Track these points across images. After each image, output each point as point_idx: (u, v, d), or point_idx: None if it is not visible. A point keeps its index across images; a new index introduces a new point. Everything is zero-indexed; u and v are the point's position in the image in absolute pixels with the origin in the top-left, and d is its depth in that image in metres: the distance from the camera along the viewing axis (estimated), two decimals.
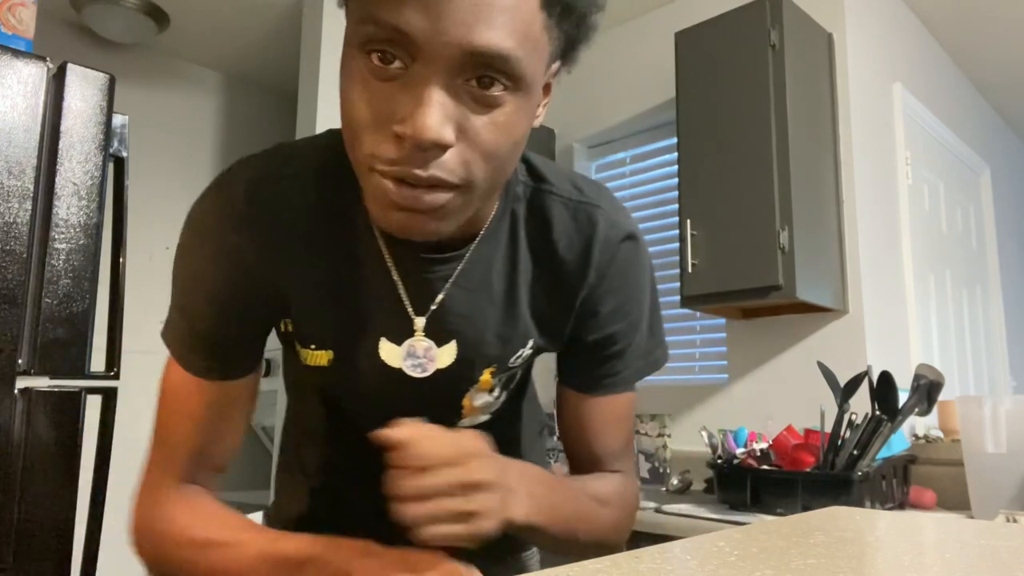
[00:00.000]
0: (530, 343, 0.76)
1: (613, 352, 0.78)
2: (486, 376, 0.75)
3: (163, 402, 0.73)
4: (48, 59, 1.65)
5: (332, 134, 0.69)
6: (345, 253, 0.69)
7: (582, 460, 0.83)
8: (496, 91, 0.54)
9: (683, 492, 2.31)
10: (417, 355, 0.71)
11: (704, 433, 2.07)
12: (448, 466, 0.57)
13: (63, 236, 1.63)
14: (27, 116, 1.60)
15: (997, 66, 3.36)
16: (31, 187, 1.59)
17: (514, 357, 0.76)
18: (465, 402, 0.76)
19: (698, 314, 2.65)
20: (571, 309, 0.75)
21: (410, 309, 0.70)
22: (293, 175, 0.69)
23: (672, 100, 2.52)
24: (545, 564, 0.69)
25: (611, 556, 0.61)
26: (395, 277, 0.69)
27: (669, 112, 2.68)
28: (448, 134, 0.53)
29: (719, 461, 1.99)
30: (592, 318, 0.76)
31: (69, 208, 1.64)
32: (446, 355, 0.72)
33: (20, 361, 1.55)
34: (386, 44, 0.53)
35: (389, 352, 0.71)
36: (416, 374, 0.71)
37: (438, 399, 0.75)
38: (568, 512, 0.72)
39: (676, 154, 2.37)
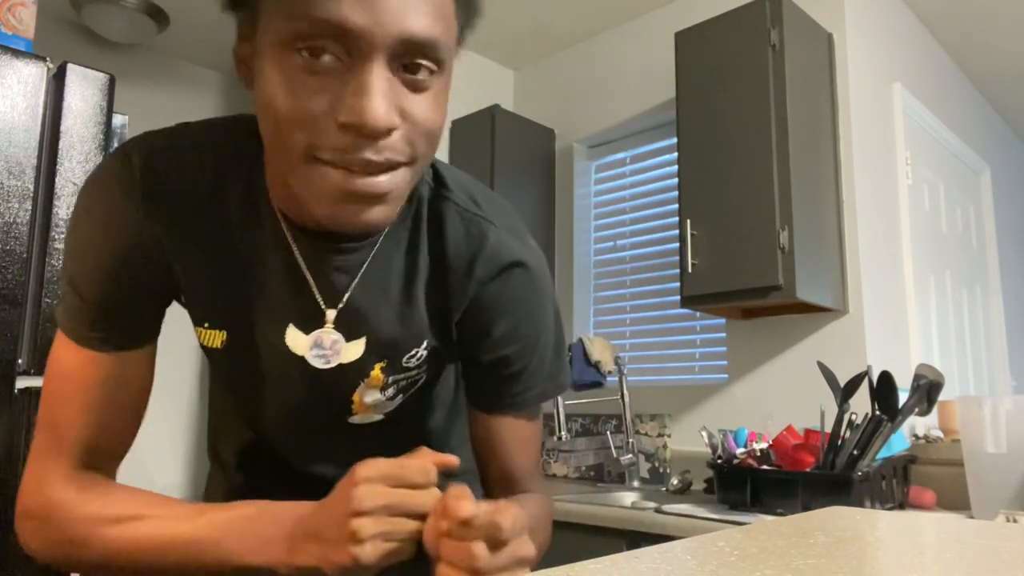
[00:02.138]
0: (424, 343, 0.76)
1: (511, 373, 0.78)
2: (376, 371, 0.75)
3: (49, 381, 0.70)
4: (48, 59, 1.66)
5: (237, 119, 0.70)
6: (245, 237, 0.69)
7: (497, 480, 0.83)
8: (423, 76, 0.58)
9: (683, 492, 2.31)
10: (324, 346, 0.71)
11: (704, 433, 2.07)
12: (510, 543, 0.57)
13: (63, 236, 1.63)
14: (27, 116, 1.60)
15: (997, 66, 3.36)
16: (31, 187, 1.59)
17: (407, 356, 0.76)
18: (355, 397, 0.76)
19: (698, 314, 2.65)
20: (452, 318, 0.76)
21: (321, 301, 0.70)
22: (193, 152, 0.68)
23: (672, 100, 2.52)
24: (543, 564, 0.69)
25: (611, 556, 0.61)
26: (304, 267, 0.69)
27: (669, 112, 2.68)
28: (395, 118, 0.56)
29: (719, 461, 1.99)
30: (485, 339, 0.76)
31: (69, 208, 1.64)
32: (353, 350, 0.72)
33: (20, 361, 1.55)
34: (320, 39, 0.54)
35: (295, 340, 0.71)
36: (319, 364, 0.71)
37: (330, 391, 0.75)
38: (537, 542, 0.72)
39: (676, 154, 2.37)
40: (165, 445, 3.20)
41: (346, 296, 0.70)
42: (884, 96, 2.61)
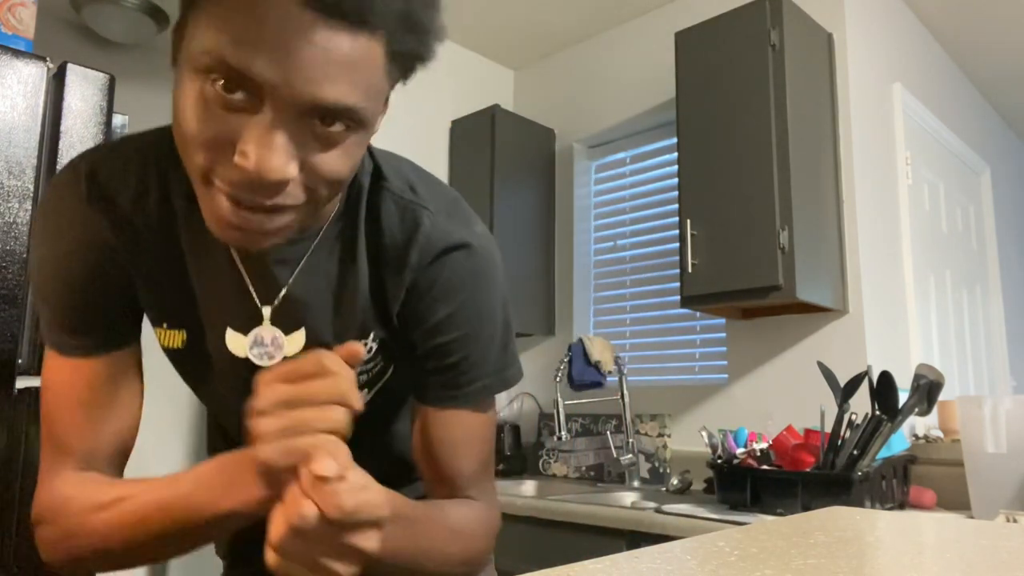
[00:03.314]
0: (372, 335, 0.75)
1: (450, 363, 0.74)
2: None
3: (44, 394, 0.72)
4: (48, 59, 1.65)
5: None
6: (189, 237, 0.70)
7: (433, 480, 0.78)
8: (337, 129, 0.56)
9: (683, 492, 2.31)
10: (264, 344, 0.71)
11: (704, 433, 2.07)
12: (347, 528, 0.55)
13: None
14: (27, 116, 1.60)
15: (997, 66, 3.36)
16: (31, 187, 1.59)
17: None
18: None
19: (698, 314, 2.65)
20: (392, 308, 0.74)
21: (256, 299, 0.70)
22: (138, 155, 0.70)
23: (672, 100, 2.52)
24: (546, 565, 0.69)
25: (611, 556, 0.61)
26: (240, 267, 0.69)
27: (669, 112, 2.68)
28: (292, 171, 0.55)
29: (719, 461, 1.99)
30: (422, 325, 0.74)
31: None
32: (294, 343, 0.72)
33: (20, 361, 1.55)
34: (230, 82, 0.53)
35: (235, 342, 0.71)
36: (263, 363, 0.70)
37: None
38: (417, 548, 0.69)
39: (676, 154, 2.37)
40: (165, 445, 3.20)
41: (282, 292, 0.70)
42: (884, 96, 2.61)
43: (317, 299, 0.72)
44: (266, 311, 0.70)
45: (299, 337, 0.72)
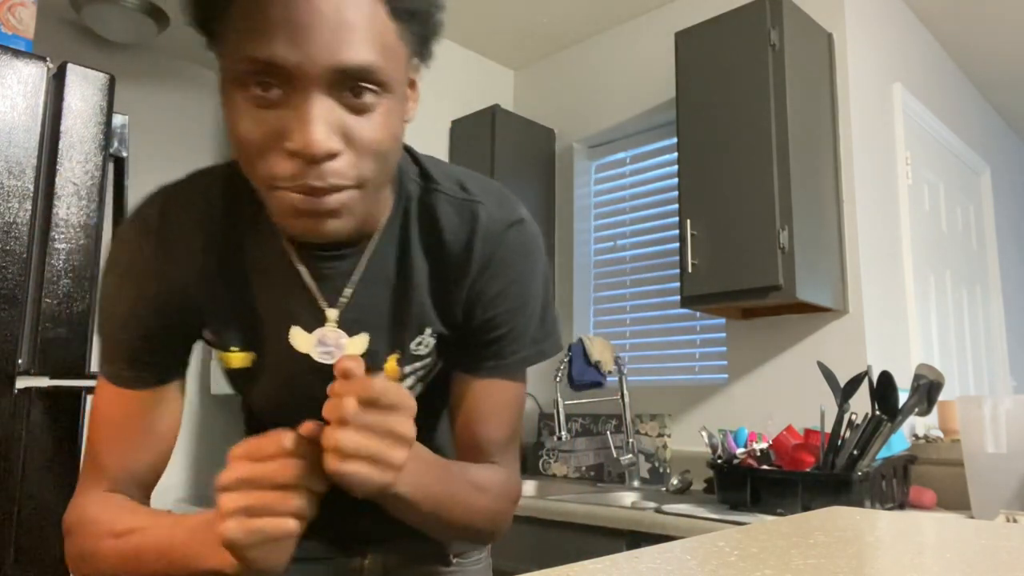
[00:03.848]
0: (428, 331, 0.80)
1: (497, 336, 0.80)
2: (391, 363, 0.80)
3: (93, 417, 0.77)
4: (48, 59, 1.66)
5: None
6: (253, 258, 0.75)
7: (465, 447, 0.83)
8: (368, 98, 0.61)
9: (683, 492, 2.31)
10: (327, 343, 0.75)
11: (704, 433, 2.07)
12: (387, 410, 0.58)
13: (63, 236, 1.63)
14: (27, 116, 1.60)
15: (997, 66, 3.36)
16: (31, 187, 1.59)
17: (415, 343, 0.80)
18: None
19: (698, 314, 2.65)
20: (460, 299, 0.79)
21: (322, 303, 0.75)
22: (200, 193, 0.75)
23: (672, 100, 2.52)
24: (546, 564, 0.69)
25: (611, 556, 0.61)
26: (304, 275, 0.74)
27: (669, 112, 2.68)
28: (335, 143, 0.60)
29: (719, 461, 1.99)
30: (478, 301, 0.79)
31: (69, 208, 1.64)
32: (357, 345, 0.77)
33: (20, 361, 1.55)
34: (263, 76, 0.59)
35: (301, 339, 0.75)
36: (325, 360, 0.75)
37: None
38: (441, 492, 0.73)
39: (676, 154, 2.37)
40: None
41: (345, 296, 0.75)
42: (884, 96, 2.61)
43: (376, 301, 0.77)
44: (331, 313, 0.75)
45: (362, 341, 0.77)
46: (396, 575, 0.92)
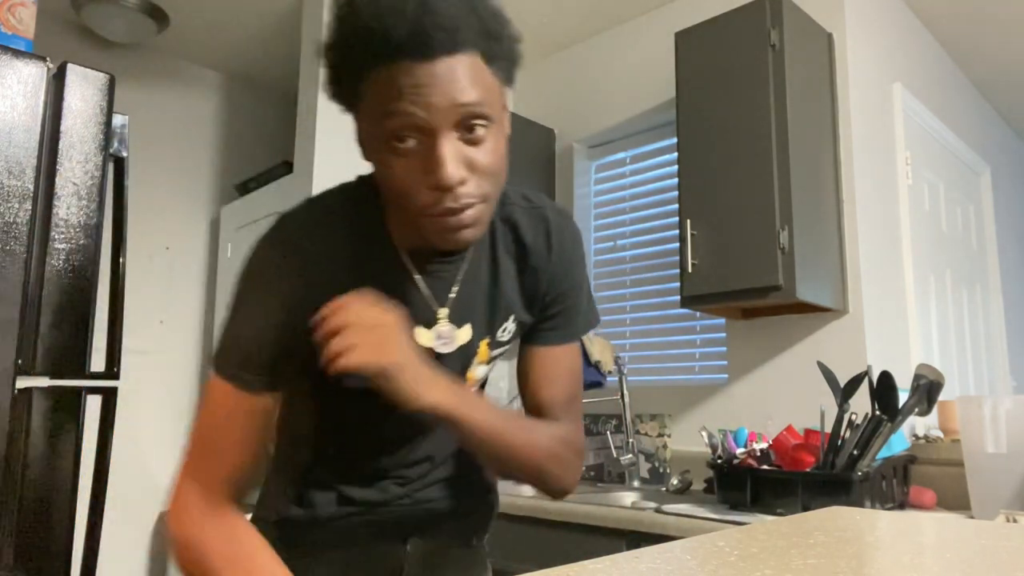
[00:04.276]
0: (511, 317, 0.97)
1: (561, 309, 1.00)
2: (483, 348, 0.97)
3: (207, 418, 0.89)
4: (48, 59, 1.65)
5: (359, 184, 0.93)
6: (374, 268, 0.90)
7: (533, 410, 0.99)
8: (479, 132, 0.78)
9: (683, 492, 2.31)
10: (443, 336, 0.92)
11: (704, 433, 2.07)
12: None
13: (63, 236, 1.63)
14: (27, 116, 1.60)
15: (997, 66, 3.36)
16: (31, 187, 1.59)
17: (501, 330, 0.97)
18: (469, 375, 0.98)
19: (698, 314, 2.65)
20: (540, 287, 0.98)
21: (434, 304, 0.92)
22: (329, 216, 0.90)
23: (672, 100, 2.52)
24: (544, 564, 0.69)
25: (611, 556, 0.61)
26: (418, 280, 0.91)
27: (669, 112, 2.68)
28: (463, 172, 0.77)
29: (719, 461, 1.99)
30: (551, 285, 0.99)
31: (69, 208, 1.64)
32: (463, 335, 0.94)
33: (20, 361, 1.55)
34: (401, 131, 0.76)
35: (423, 336, 0.92)
36: (445, 350, 0.92)
37: (452, 372, 0.93)
38: (498, 421, 0.88)
39: (676, 154, 2.37)
40: (165, 446, 3.20)
41: (450, 296, 0.93)
42: (884, 96, 2.61)
43: (473, 299, 0.94)
44: (442, 312, 0.92)
45: (467, 331, 0.94)
46: (433, 556, 1.05)
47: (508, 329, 0.98)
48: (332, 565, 1.00)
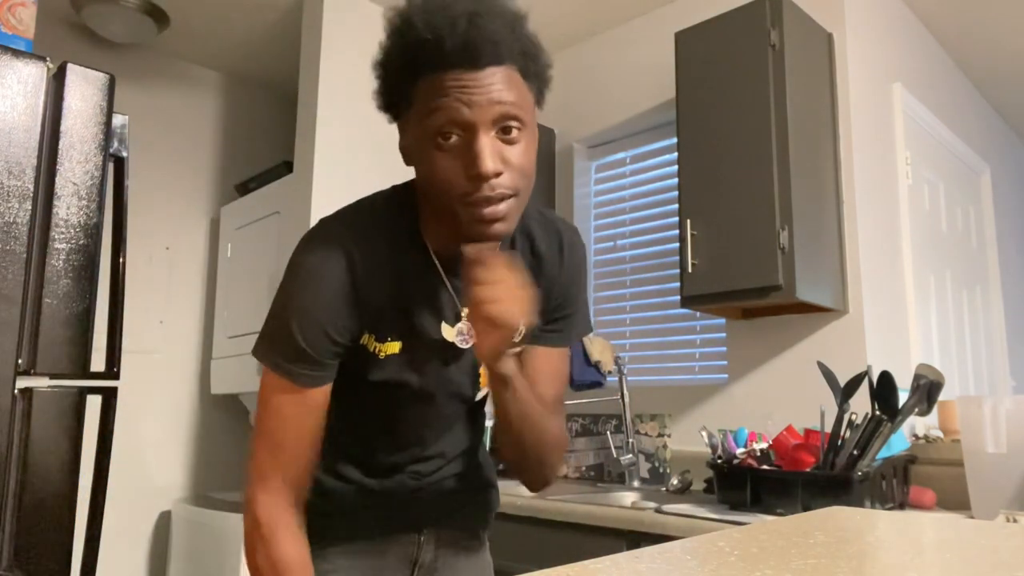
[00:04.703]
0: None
1: (565, 315, 1.10)
2: None
3: (269, 417, 0.96)
4: (48, 59, 1.65)
5: (394, 192, 1.03)
6: (407, 265, 0.99)
7: None
8: (514, 133, 0.88)
9: (683, 492, 2.31)
10: (464, 332, 1.02)
11: (704, 433, 2.07)
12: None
13: (63, 236, 1.63)
14: (27, 116, 1.60)
15: (997, 66, 3.36)
16: (31, 187, 1.59)
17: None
18: (482, 370, 1.07)
19: (698, 314, 2.65)
20: (552, 293, 1.07)
21: (458, 302, 1.01)
22: (371, 218, 0.99)
23: (672, 100, 2.52)
24: (545, 563, 0.68)
25: (611, 556, 0.61)
26: (446, 281, 1.00)
27: (669, 112, 2.68)
28: (499, 165, 0.87)
29: (719, 461, 1.99)
30: (561, 292, 1.09)
31: (69, 208, 1.64)
32: None
33: (20, 361, 1.55)
34: (445, 129, 0.86)
35: (448, 331, 1.01)
36: (464, 345, 1.02)
37: (466, 368, 1.06)
38: (533, 399, 0.99)
39: (676, 154, 2.37)
40: (165, 446, 3.20)
41: None
42: (884, 96, 2.61)
43: None
44: (465, 311, 1.00)
45: None
46: (446, 549, 1.14)
47: (520, 331, 1.03)
48: (350, 554, 1.08)
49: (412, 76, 0.88)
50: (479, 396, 1.10)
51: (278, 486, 0.96)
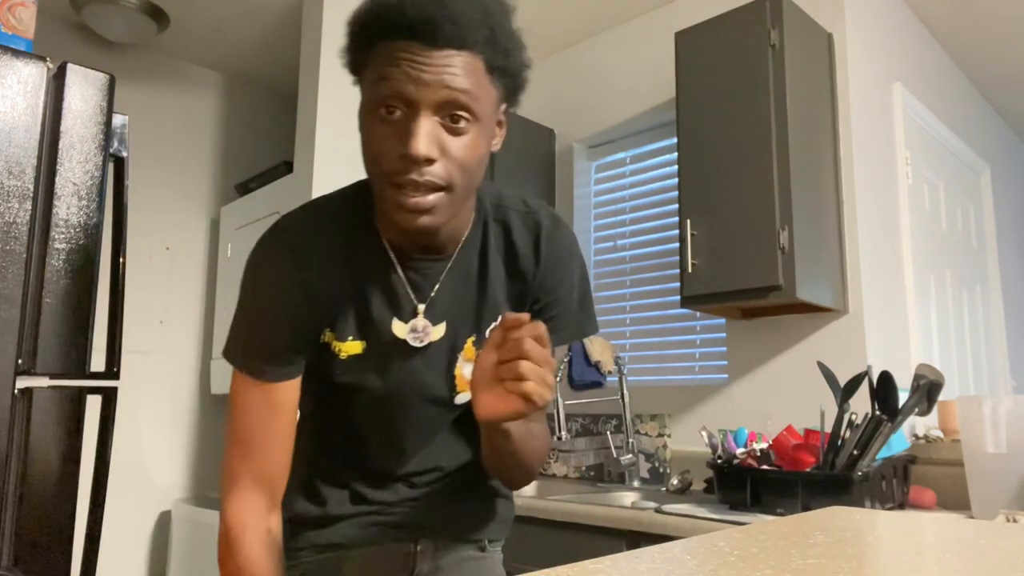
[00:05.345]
0: (499, 317, 0.98)
1: (548, 316, 1.01)
2: (468, 346, 1.00)
3: (241, 413, 0.95)
4: (48, 59, 1.65)
5: (357, 185, 0.99)
6: (365, 261, 0.96)
7: None
8: (462, 124, 0.83)
9: (683, 492, 2.31)
10: (417, 330, 0.97)
11: (704, 433, 2.07)
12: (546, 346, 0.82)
13: (63, 236, 1.63)
14: (27, 116, 1.60)
15: (997, 66, 3.36)
16: (31, 187, 1.59)
17: (488, 329, 1.01)
18: (456, 371, 1.01)
19: (698, 314, 2.65)
20: (527, 290, 1.02)
21: (414, 299, 0.97)
22: (325, 216, 0.97)
23: (672, 100, 2.52)
24: (548, 562, 0.68)
25: (611, 556, 0.61)
26: (402, 277, 0.96)
27: (669, 112, 2.68)
28: (433, 151, 0.82)
29: (719, 461, 1.99)
30: (540, 291, 1.02)
31: (69, 208, 1.64)
32: (438, 331, 0.98)
33: (20, 361, 1.55)
34: (390, 101, 0.82)
35: (398, 328, 0.97)
36: (416, 344, 0.97)
37: (437, 369, 1.00)
38: (524, 429, 0.95)
39: (676, 154, 2.37)
40: (165, 446, 3.20)
41: (432, 294, 0.97)
42: (884, 96, 2.61)
43: (460, 297, 0.98)
44: (420, 307, 0.97)
45: (441, 328, 0.98)
46: (442, 556, 1.09)
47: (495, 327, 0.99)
48: (344, 562, 1.05)
49: (371, 39, 0.85)
50: (459, 400, 1.04)
51: (249, 487, 0.95)
